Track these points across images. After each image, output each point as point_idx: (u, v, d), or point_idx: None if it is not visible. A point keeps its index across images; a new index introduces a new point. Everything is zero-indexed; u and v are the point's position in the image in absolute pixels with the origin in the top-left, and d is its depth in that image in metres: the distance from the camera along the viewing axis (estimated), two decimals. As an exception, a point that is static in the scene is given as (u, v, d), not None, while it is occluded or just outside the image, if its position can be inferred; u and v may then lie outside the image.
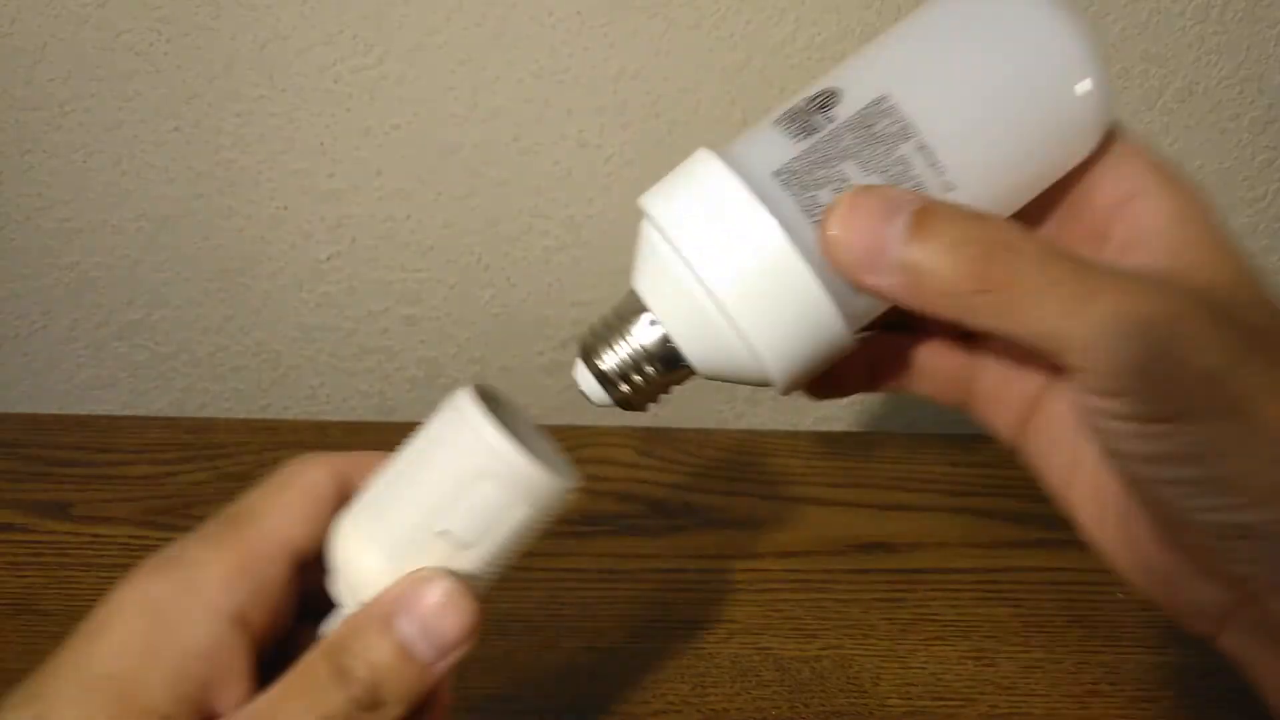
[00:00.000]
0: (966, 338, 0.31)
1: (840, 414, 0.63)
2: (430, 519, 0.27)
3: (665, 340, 0.27)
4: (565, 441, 0.30)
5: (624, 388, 0.28)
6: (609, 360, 0.28)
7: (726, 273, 0.26)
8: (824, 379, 0.28)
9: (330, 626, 0.28)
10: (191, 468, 0.56)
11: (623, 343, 0.28)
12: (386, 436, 0.53)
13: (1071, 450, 0.29)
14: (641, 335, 0.27)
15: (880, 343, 0.31)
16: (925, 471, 0.57)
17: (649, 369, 0.28)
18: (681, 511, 0.54)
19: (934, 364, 0.31)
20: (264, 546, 0.28)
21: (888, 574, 0.51)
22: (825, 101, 0.26)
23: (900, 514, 0.54)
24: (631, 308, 0.28)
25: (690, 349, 0.27)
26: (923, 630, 0.48)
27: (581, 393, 0.29)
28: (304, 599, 0.29)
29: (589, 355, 0.28)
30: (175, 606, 0.26)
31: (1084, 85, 0.26)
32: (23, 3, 0.50)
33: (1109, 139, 0.27)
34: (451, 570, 0.27)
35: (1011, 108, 0.26)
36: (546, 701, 0.45)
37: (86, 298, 0.59)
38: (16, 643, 0.47)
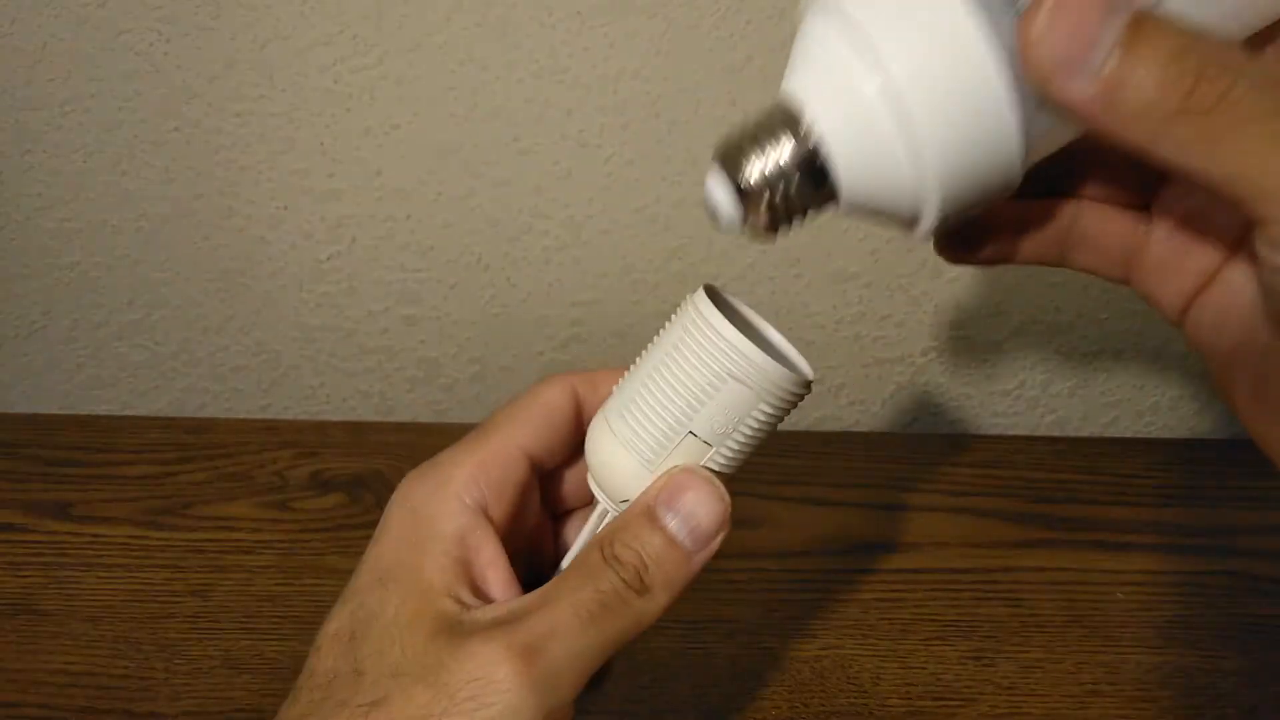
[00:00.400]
0: (1135, 205, 0.29)
1: (840, 414, 0.63)
2: (681, 421, 0.29)
3: (817, 148, 0.24)
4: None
5: (763, 206, 0.26)
6: (752, 169, 0.25)
7: (907, 57, 0.22)
8: (968, 230, 0.28)
9: (592, 521, 0.32)
10: (191, 468, 0.56)
11: (770, 150, 0.25)
12: (386, 436, 0.53)
13: (1240, 328, 0.27)
14: (791, 143, 0.25)
15: (1035, 207, 0.29)
16: (925, 471, 0.57)
17: (794, 184, 0.25)
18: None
19: (1100, 230, 0.29)
20: (503, 451, 0.32)
21: (888, 574, 0.51)
22: None
23: (900, 514, 0.54)
24: (783, 111, 0.25)
25: (846, 157, 0.24)
26: (923, 630, 0.48)
27: (712, 210, 0.27)
28: (553, 502, 0.35)
29: (730, 164, 0.26)
30: (430, 502, 0.30)
31: None
32: (23, 3, 0.50)
33: None
34: (703, 466, 0.30)
35: None
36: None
37: (86, 298, 0.59)
38: (16, 643, 0.47)
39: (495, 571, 0.30)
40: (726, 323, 0.29)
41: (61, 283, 0.59)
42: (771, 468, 0.56)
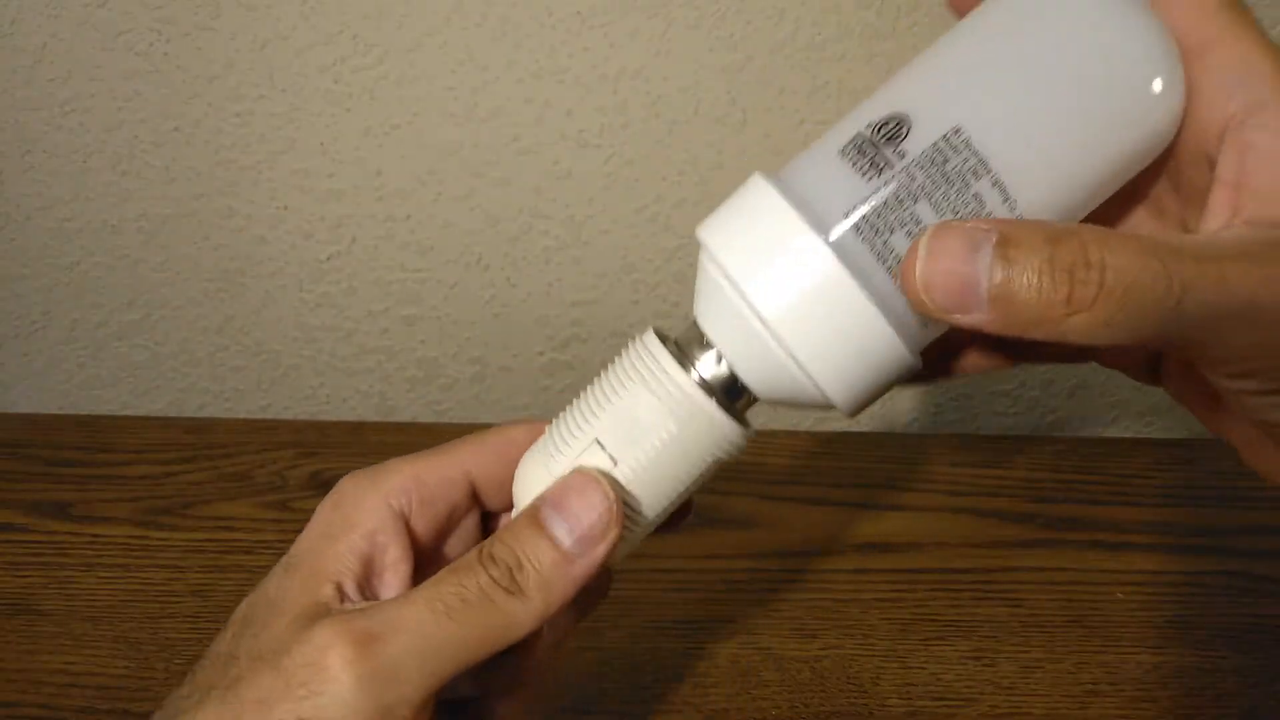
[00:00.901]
0: None
1: (839, 413, 0.63)
2: (586, 423, 0.28)
3: (730, 373, 0.27)
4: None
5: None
6: (694, 373, 0.28)
7: (790, 311, 0.25)
8: (936, 364, 0.29)
9: None
10: (191, 468, 0.56)
11: (700, 361, 0.28)
12: (386, 436, 0.53)
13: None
14: (705, 368, 0.28)
15: None
16: (925, 471, 0.57)
17: (722, 391, 0.28)
18: (680, 511, 0.54)
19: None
20: (446, 468, 0.31)
21: (888, 574, 0.51)
22: (894, 132, 0.25)
23: (900, 514, 0.54)
24: (694, 339, 0.28)
25: (754, 381, 0.27)
26: (923, 630, 0.48)
27: None
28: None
29: (682, 360, 0.28)
30: (354, 498, 0.30)
31: (1159, 83, 0.25)
32: (23, 3, 0.50)
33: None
34: (600, 471, 0.28)
35: (1084, 124, 0.25)
36: (546, 701, 0.45)
37: (86, 298, 0.59)
38: (16, 643, 0.47)
39: (395, 576, 0.30)
40: (652, 336, 0.28)
41: (61, 283, 0.59)
42: (771, 468, 0.56)
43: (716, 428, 0.28)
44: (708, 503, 0.54)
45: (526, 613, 0.27)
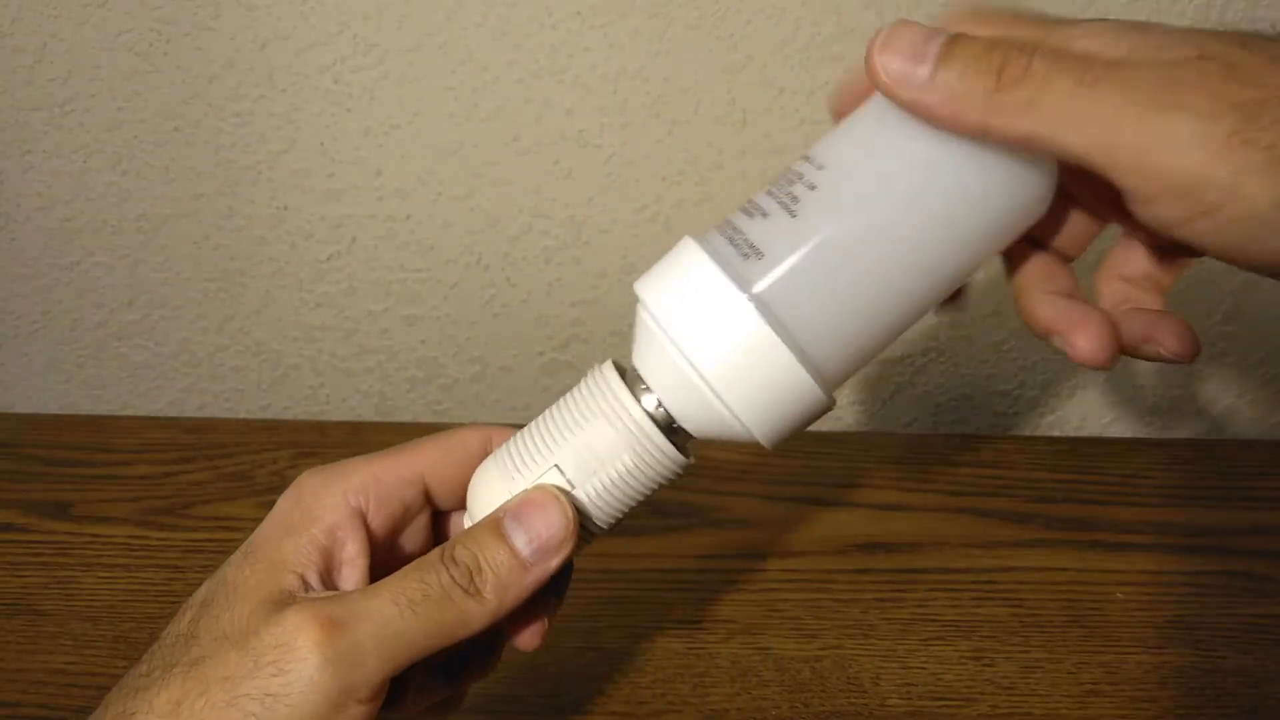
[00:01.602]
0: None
1: (840, 414, 0.63)
2: (548, 449, 0.31)
3: (666, 413, 0.30)
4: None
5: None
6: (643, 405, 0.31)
7: (717, 360, 0.28)
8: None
9: None
10: (191, 468, 0.56)
11: (643, 398, 0.31)
12: (386, 436, 0.53)
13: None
14: (649, 403, 0.30)
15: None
16: (925, 471, 0.57)
17: (663, 430, 0.31)
18: (681, 511, 0.54)
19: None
20: (401, 468, 0.33)
21: (888, 574, 0.51)
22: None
23: (900, 514, 0.54)
24: (638, 378, 0.30)
25: (689, 423, 0.30)
26: (923, 630, 0.48)
27: None
28: (444, 538, 0.35)
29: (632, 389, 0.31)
30: (314, 493, 0.32)
31: (1041, 190, 0.29)
32: (23, 3, 0.50)
33: None
34: (558, 488, 0.31)
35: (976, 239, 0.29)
36: (546, 701, 0.45)
37: (86, 298, 0.59)
38: (16, 643, 0.47)
39: (352, 570, 0.31)
40: (613, 371, 0.31)
41: (61, 283, 0.59)
42: (771, 468, 0.56)
43: (667, 460, 0.31)
44: (708, 503, 0.54)
45: (481, 612, 0.29)
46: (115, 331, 0.60)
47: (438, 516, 0.35)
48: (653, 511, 0.54)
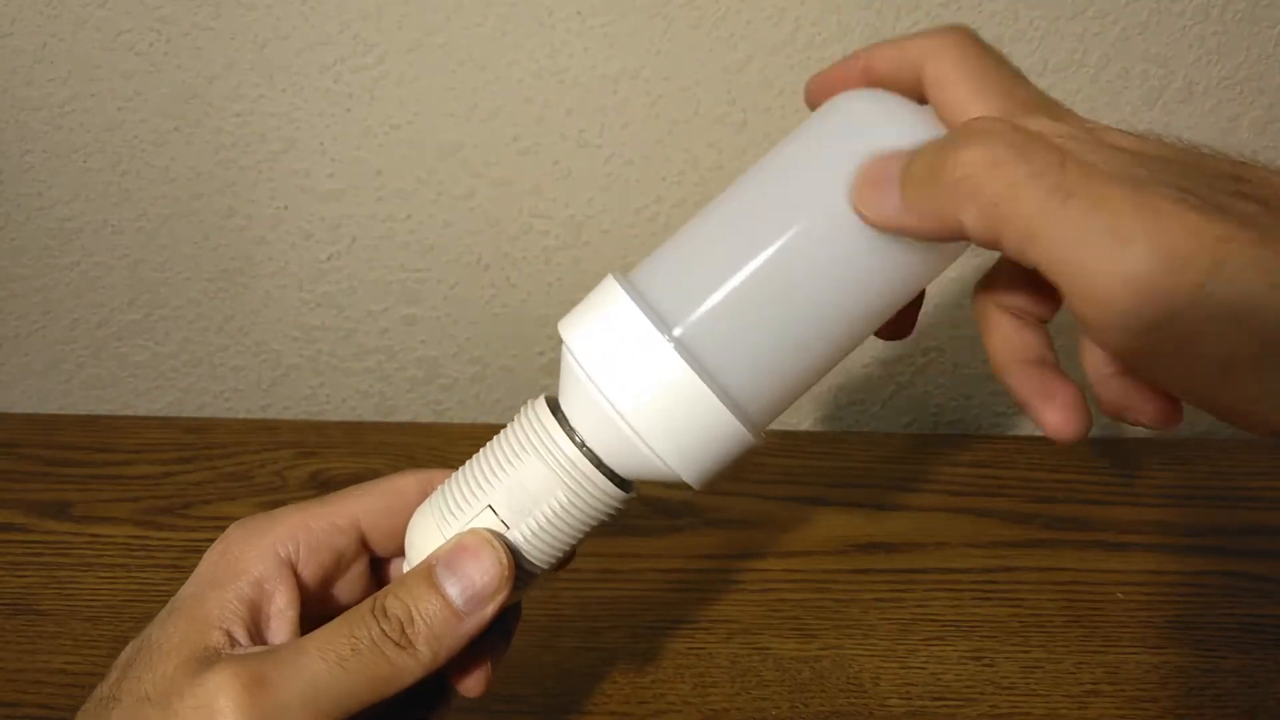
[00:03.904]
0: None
1: (840, 414, 0.63)
2: (480, 489, 0.30)
3: (593, 455, 0.29)
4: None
5: None
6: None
7: (639, 402, 0.28)
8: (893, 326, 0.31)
9: None
10: (191, 468, 0.56)
11: (575, 437, 0.30)
12: (387, 436, 0.53)
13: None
14: (558, 437, 0.30)
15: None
16: (925, 471, 0.57)
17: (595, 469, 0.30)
18: (681, 511, 0.54)
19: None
20: (334, 516, 0.32)
21: (888, 574, 0.51)
22: None
23: (900, 514, 0.54)
24: (568, 423, 0.30)
25: (613, 462, 0.29)
26: (923, 630, 0.48)
27: None
28: (384, 582, 0.34)
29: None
30: (242, 545, 0.31)
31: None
32: (23, 3, 0.50)
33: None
34: (493, 533, 0.30)
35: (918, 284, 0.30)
36: (546, 701, 0.45)
37: (86, 298, 0.59)
38: (16, 643, 0.47)
39: (282, 623, 0.30)
40: (545, 408, 0.30)
41: (61, 283, 0.59)
42: (771, 468, 0.56)
43: (604, 495, 0.30)
44: (708, 503, 0.54)
45: (415, 665, 0.28)
46: (115, 331, 0.60)
47: (378, 563, 0.34)
48: (653, 511, 0.54)
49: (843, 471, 0.57)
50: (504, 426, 0.32)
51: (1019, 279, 0.29)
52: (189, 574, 0.52)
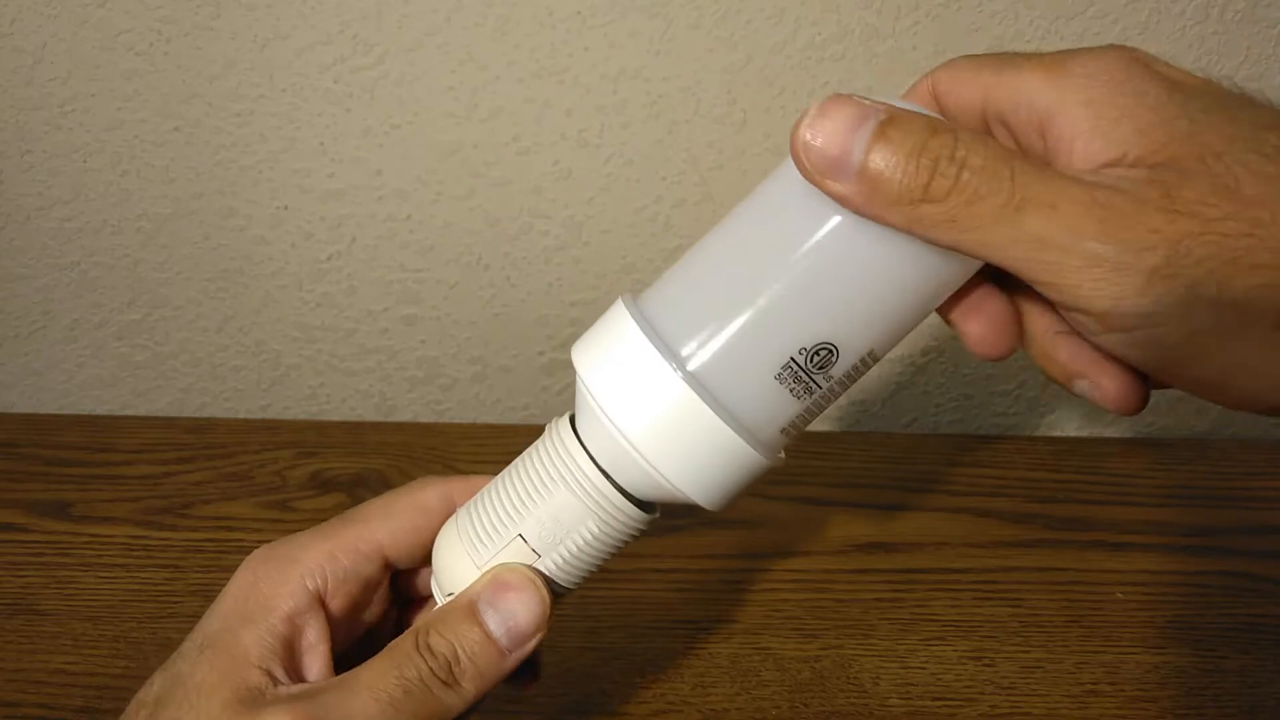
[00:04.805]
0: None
1: (839, 414, 0.63)
2: (511, 520, 0.30)
3: (608, 476, 0.30)
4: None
5: None
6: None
7: (649, 431, 0.28)
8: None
9: (422, 616, 0.33)
10: (191, 468, 0.56)
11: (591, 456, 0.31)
12: (387, 436, 0.53)
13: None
14: (588, 469, 0.30)
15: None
16: (925, 471, 0.57)
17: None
18: (681, 511, 0.54)
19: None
20: (359, 544, 0.32)
21: (888, 574, 0.51)
22: (825, 361, 0.28)
23: (900, 514, 0.54)
24: (578, 440, 0.30)
25: (629, 486, 0.30)
26: (923, 630, 0.48)
27: None
28: (405, 591, 0.35)
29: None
30: (270, 579, 0.31)
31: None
32: (23, 3, 0.50)
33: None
34: (530, 568, 0.30)
35: (924, 306, 0.29)
36: (547, 701, 0.45)
37: (86, 298, 0.59)
38: (16, 643, 0.47)
39: (315, 657, 0.31)
40: (572, 436, 0.30)
41: (61, 283, 0.59)
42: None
43: (632, 522, 0.30)
44: (708, 503, 0.54)
45: (460, 703, 0.29)
46: (115, 331, 0.60)
47: (397, 573, 0.34)
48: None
49: (843, 471, 0.57)
50: (504, 426, 0.32)
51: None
52: (189, 574, 0.52)
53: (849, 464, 0.57)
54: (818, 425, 0.61)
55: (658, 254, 0.57)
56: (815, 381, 0.28)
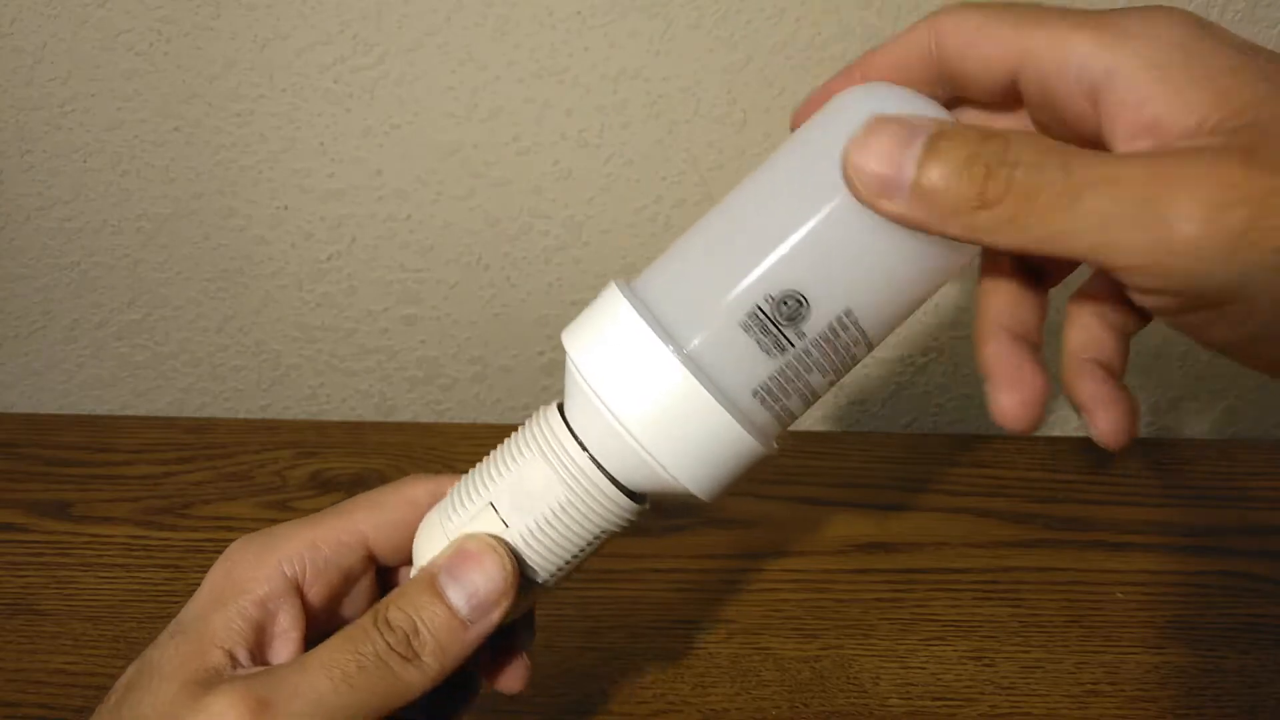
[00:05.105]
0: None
1: (840, 414, 0.63)
2: (482, 487, 0.30)
3: (598, 465, 0.29)
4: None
5: None
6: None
7: (644, 416, 0.27)
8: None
9: None
10: (191, 468, 0.56)
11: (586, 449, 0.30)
12: (387, 436, 0.53)
13: None
14: (563, 436, 0.29)
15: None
16: (925, 471, 0.57)
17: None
18: (681, 511, 0.54)
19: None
20: (341, 534, 0.31)
21: (888, 574, 0.51)
22: (794, 314, 0.27)
23: (900, 514, 0.54)
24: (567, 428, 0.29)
25: (623, 476, 0.29)
26: (923, 630, 0.48)
27: None
28: (389, 588, 0.33)
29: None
30: (246, 564, 0.30)
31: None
32: (23, 3, 0.50)
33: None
34: (495, 537, 0.29)
35: (927, 281, 0.28)
36: (547, 701, 0.45)
37: (86, 298, 0.59)
38: (16, 643, 0.47)
39: (286, 643, 0.30)
40: (555, 412, 0.29)
41: (61, 283, 0.59)
42: (771, 468, 0.56)
43: (608, 500, 0.29)
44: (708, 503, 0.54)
45: (421, 678, 0.28)
46: (115, 331, 0.60)
47: (385, 571, 0.33)
48: (653, 511, 0.54)
49: (843, 471, 0.57)
50: (504, 426, 0.31)
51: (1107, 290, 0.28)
52: (189, 574, 0.52)
53: (849, 464, 0.57)
54: (817, 425, 0.61)
55: (658, 254, 0.57)
56: (785, 336, 0.27)
